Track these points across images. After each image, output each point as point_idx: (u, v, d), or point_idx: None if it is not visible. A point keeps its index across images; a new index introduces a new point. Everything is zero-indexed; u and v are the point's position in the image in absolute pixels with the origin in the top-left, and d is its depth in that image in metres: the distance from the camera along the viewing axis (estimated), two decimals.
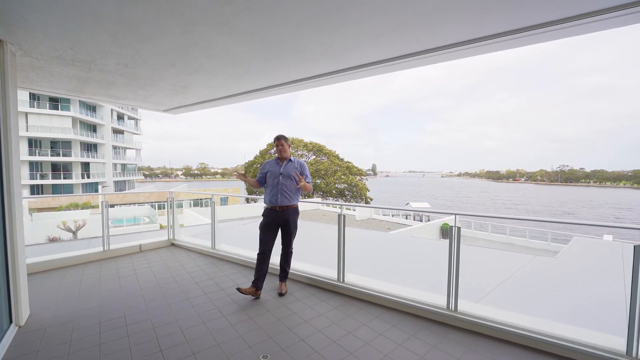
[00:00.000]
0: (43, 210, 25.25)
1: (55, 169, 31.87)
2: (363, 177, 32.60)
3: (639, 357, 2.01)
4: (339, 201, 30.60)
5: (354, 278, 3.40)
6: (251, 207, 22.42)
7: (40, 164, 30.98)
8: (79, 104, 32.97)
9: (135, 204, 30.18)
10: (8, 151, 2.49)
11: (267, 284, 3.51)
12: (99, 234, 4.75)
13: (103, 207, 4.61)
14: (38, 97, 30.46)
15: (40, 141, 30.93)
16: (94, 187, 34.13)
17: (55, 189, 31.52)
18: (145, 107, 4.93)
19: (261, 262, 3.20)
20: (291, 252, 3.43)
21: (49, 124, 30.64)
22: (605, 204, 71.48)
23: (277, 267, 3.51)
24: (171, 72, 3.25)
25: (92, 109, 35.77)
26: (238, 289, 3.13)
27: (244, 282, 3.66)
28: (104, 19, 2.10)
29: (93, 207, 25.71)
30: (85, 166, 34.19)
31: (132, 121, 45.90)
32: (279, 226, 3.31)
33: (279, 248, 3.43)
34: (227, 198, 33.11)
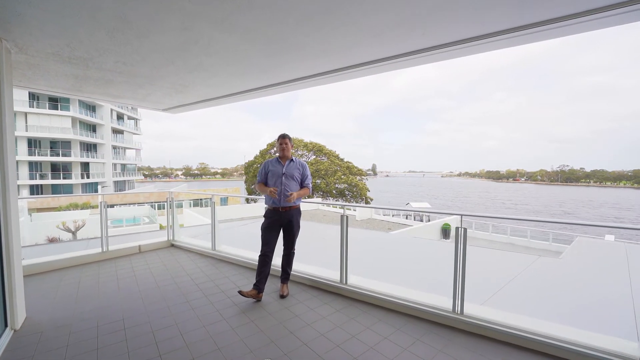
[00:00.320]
0: (43, 210, 25.19)
1: (55, 169, 31.81)
2: (363, 177, 32.54)
3: None
4: (339, 201, 30.54)
5: (356, 280, 3.34)
6: (251, 207, 22.37)
7: (40, 164, 30.92)
8: (79, 103, 32.91)
9: (135, 204, 30.11)
10: (3, 150, 2.44)
11: (269, 286, 3.45)
12: (99, 234, 4.68)
13: (102, 207, 4.55)
14: (37, 97, 30.40)
15: (39, 141, 30.88)
16: (93, 187, 34.07)
17: (55, 189, 31.46)
18: (145, 106, 4.87)
19: (263, 264, 3.14)
20: (293, 253, 3.37)
21: (48, 124, 30.58)
22: (605, 203, 71.42)
23: (279, 269, 3.46)
24: (170, 71, 3.19)
25: (91, 108, 35.70)
26: (239, 292, 3.07)
27: (244, 284, 3.60)
28: (101, 15, 2.04)
29: (93, 207, 25.65)
30: (85, 166, 34.12)
31: (132, 121, 45.83)
32: (281, 227, 3.25)
33: (280, 249, 3.37)
34: (227, 198, 33.05)
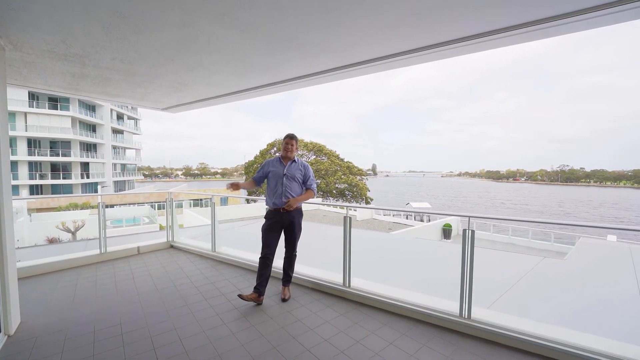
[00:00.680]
0: (42, 210, 25.13)
1: (55, 169, 31.74)
2: (363, 177, 32.47)
3: None
4: (340, 201, 30.46)
5: (360, 282, 3.26)
6: (251, 207, 22.27)
7: (40, 164, 30.85)
8: (79, 103, 32.84)
9: (135, 204, 30.04)
10: None
11: (270, 289, 3.38)
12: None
13: (100, 208, 4.48)
14: (37, 97, 30.32)
15: (39, 141, 30.80)
16: (93, 187, 34.00)
17: (55, 189, 31.38)
18: (144, 105, 4.79)
19: (264, 267, 3.06)
20: (295, 255, 3.29)
21: (48, 124, 30.51)
22: (605, 203, 71.34)
23: (280, 271, 3.38)
24: (169, 69, 3.11)
25: (91, 108, 35.63)
26: (240, 295, 2.99)
27: (245, 286, 3.53)
28: (97, 9, 1.96)
29: (92, 208, 25.57)
30: (85, 166, 34.05)
31: (132, 121, 45.76)
32: (282, 228, 3.17)
33: (281, 250, 3.29)
34: (227, 198, 32.97)
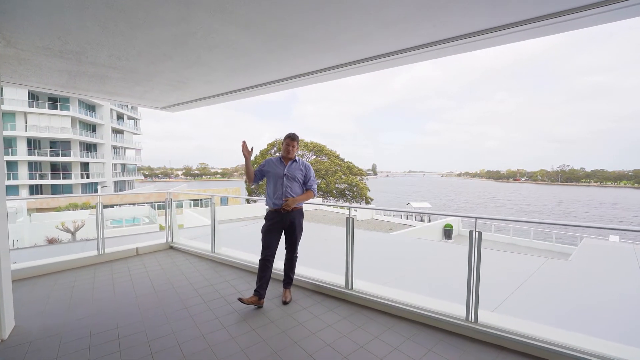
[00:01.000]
0: (42, 210, 25.09)
1: (55, 169, 31.68)
2: (363, 177, 32.40)
3: None
4: (340, 201, 30.38)
5: (363, 285, 3.19)
6: (252, 207, 22.19)
7: (40, 164, 30.79)
8: (79, 103, 32.78)
9: (134, 204, 29.98)
10: None
11: (270, 291, 3.31)
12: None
13: (98, 209, 4.41)
14: (37, 97, 30.27)
15: (39, 141, 30.75)
16: (93, 188, 33.94)
17: (55, 189, 31.32)
18: (142, 104, 4.72)
19: (264, 269, 2.99)
20: (296, 257, 3.22)
21: (48, 124, 30.44)
22: (604, 203, 71.23)
23: (280, 273, 3.31)
24: (168, 66, 3.04)
25: (91, 108, 35.57)
26: (239, 299, 2.92)
27: (245, 288, 3.45)
28: (92, 3, 1.90)
29: (92, 208, 25.50)
30: (85, 166, 33.99)
31: (132, 121, 45.71)
32: (282, 229, 3.10)
33: (281, 252, 3.22)
34: (227, 198, 32.90)
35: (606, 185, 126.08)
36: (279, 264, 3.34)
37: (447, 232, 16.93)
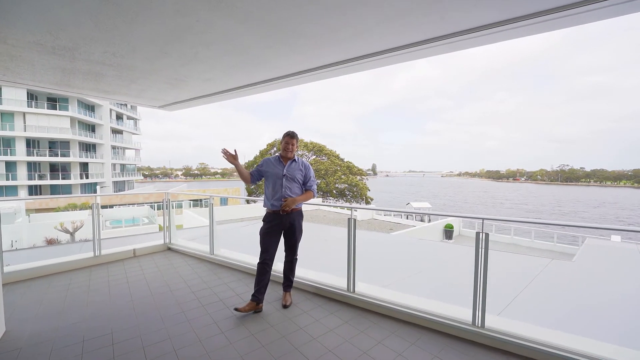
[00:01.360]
0: (41, 211, 25.00)
1: (54, 169, 31.57)
2: (363, 177, 32.32)
3: None
4: (340, 201, 30.30)
5: (365, 288, 3.11)
6: (252, 207, 22.09)
7: (39, 164, 30.69)
8: (78, 103, 32.68)
9: (134, 204, 29.89)
10: None
11: (270, 294, 3.22)
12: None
13: (94, 210, 4.32)
14: (36, 97, 30.17)
15: (38, 141, 30.65)
16: (92, 188, 33.83)
17: (54, 190, 31.22)
18: (140, 103, 4.64)
19: (262, 273, 2.89)
20: (296, 259, 3.13)
21: (47, 124, 30.34)
22: (603, 203, 71.19)
23: (280, 274, 3.22)
24: (165, 63, 2.95)
25: (90, 108, 35.47)
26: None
27: (244, 291, 3.37)
28: None
29: (91, 208, 25.41)
30: (84, 166, 33.88)
31: (132, 121, 45.60)
32: (281, 232, 3.01)
33: (280, 252, 3.13)
34: (226, 198, 32.81)
35: (606, 184, 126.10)
36: (278, 265, 3.26)
37: (448, 233, 16.85)
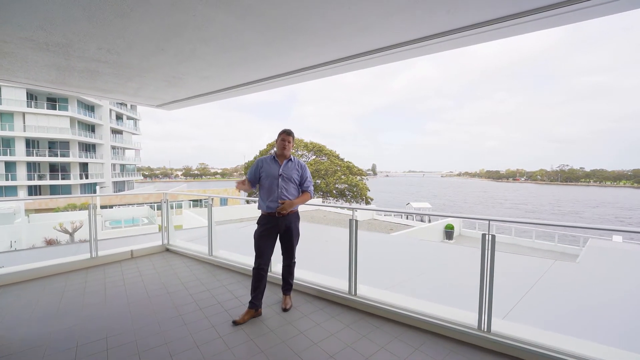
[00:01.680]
0: (41, 211, 24.92)
1: (54, 169, 31.49)
2: (363, 177, 32.24)
3: None
4: (340, 201, 30.22)
5: (367, 290, 3.03)
6: (252, 207, 21.99)
7: (38, 164, 30.61)
8: (77, 103, 32.60)
9: (134, 204, 29.82)
10: None
11: (270, 296, 3.15)
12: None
13: (91, 210, 4.25)
14: (35, 97, 30.10)
15: (38, 141, 30.58)
16: (92, 188, 33.76)
17: (54, 190, 31.14)
18: (137, 101, 4.57)
19: (258, 279, 2.80)
20: (294, 262, 3.04)
21: (46, 124, 30.26)
22: (603, 203, 71.11)
23: (279, 276, 3.14)
24: (161, 60, 2.88)
25: (90, 108, 35.40)
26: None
27: (243, 294, 3.29)
28: None
29: None
30: (84, 167, 33.81)
31: (131, 121, 45.53)
32: (277, 235, 2.92)
33: (278, 254, 3.06)
34: (226, 198, 32.72)
35: (605, 185, 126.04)
36: (277, 267, 3.19)
37: (448, 233, 16.78)
